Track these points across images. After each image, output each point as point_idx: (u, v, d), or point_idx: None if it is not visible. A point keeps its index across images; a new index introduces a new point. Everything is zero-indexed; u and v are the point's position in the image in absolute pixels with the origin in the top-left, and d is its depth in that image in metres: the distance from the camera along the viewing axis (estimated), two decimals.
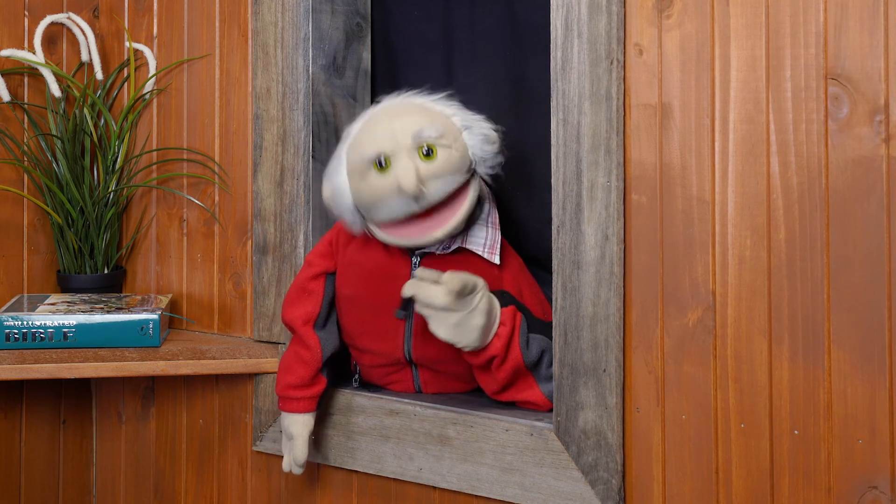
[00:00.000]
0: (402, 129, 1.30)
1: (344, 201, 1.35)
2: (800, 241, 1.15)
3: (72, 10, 1.79)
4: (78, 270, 1.74)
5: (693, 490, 1.22)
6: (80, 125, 1.73)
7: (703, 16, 1.21)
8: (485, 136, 1.34)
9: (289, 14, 1.57)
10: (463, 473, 1.38)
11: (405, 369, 1.45)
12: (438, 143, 1.29)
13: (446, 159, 1.30)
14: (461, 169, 1.31)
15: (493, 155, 1.35)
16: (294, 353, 1.44)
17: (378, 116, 1.34)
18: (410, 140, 1.29)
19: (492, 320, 1.29)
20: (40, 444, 1.76)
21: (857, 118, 1.12)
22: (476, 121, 1.35)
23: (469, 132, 1.33)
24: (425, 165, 1.28)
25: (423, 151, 1.29)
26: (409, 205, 1.29)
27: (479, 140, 1.34)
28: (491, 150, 1.34)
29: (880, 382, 1.11)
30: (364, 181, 1.31)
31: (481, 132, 1.34)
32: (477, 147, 1.33)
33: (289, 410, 1.44)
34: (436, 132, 1.30)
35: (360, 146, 1.32)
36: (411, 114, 1.32)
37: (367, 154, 1.30)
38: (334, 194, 1.36)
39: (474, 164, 1.34)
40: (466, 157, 1.32)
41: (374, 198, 1.30)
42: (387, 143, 1.29)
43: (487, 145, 1.34)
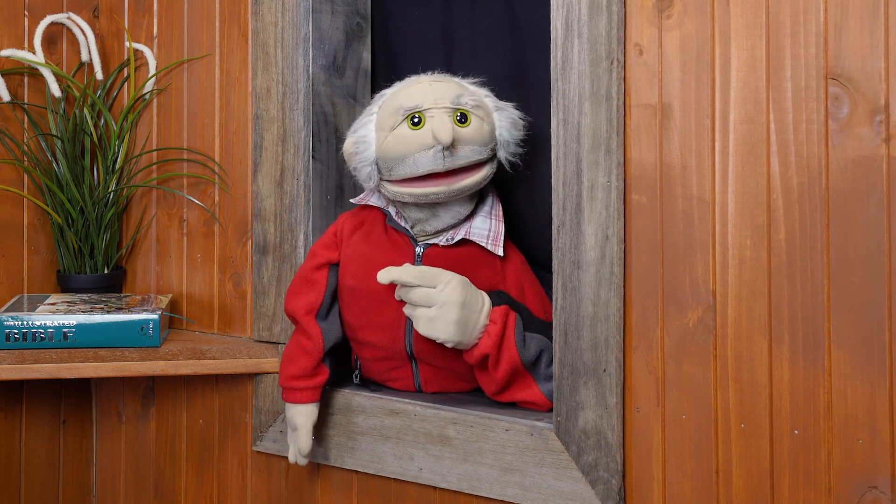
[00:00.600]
0: (442, 90, 1.36)
1: (366, 153, 1.38)
2: (800, 241, 1.15)
3: (72, 10, 1.79)
4: (78, 270, 1.74)
5: (693, 490, 1.22)
6: (80, 125, 1.73)
7: (704, 16, 1.21)
8: (513, 121, 1.40)
9: (289, 14, 1.57)
10: (463, 473, 1.38)
11: (406, 365, 1.45)
12: (473, 112, 1.35)
13: (478, 128, 1.35)
14: (488, 143, 1.37)
15: (517, 140, 1.41)
16: (296, 343, 1.45)
17: (418, 79, 1.40)
18: (449, 102, 1.34)
19: (471, 316, 1.30)
20: (40, 444, 1.76)
21: (857, 118, 1.12)
22: (507, 105, 1.41)
23: (500, 113, 1.40)
24: (458, 129, 1.33)
25: (458, 117, 1.34)
26: (436, 160, 1.32)
27: (508, 123, 1.40)
28: (517, 134, 1.41)
29: (880, 382, 1.11)
30: (393, 134, 1.34)
31: (510, 116, 1.40)
32: (505, 129, 1.39)
33: (292, 401, 1.44)
34: (473, 101, 1.36)
35: (397, 99, 1.37)
36: (451, 81, 1.39)
37: (405, 105, 1.34)
38: (357, 144, 1.39)
39: (498, 146, 1.39)
40: (494, 135, 1.38)
41: (402, 151, 1.33)
42: (426, 99, 1.34)
43: (515, 130, 1.40)
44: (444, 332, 1.29)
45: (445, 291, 1.29)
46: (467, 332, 1.30)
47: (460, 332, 1.29)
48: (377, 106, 1.40)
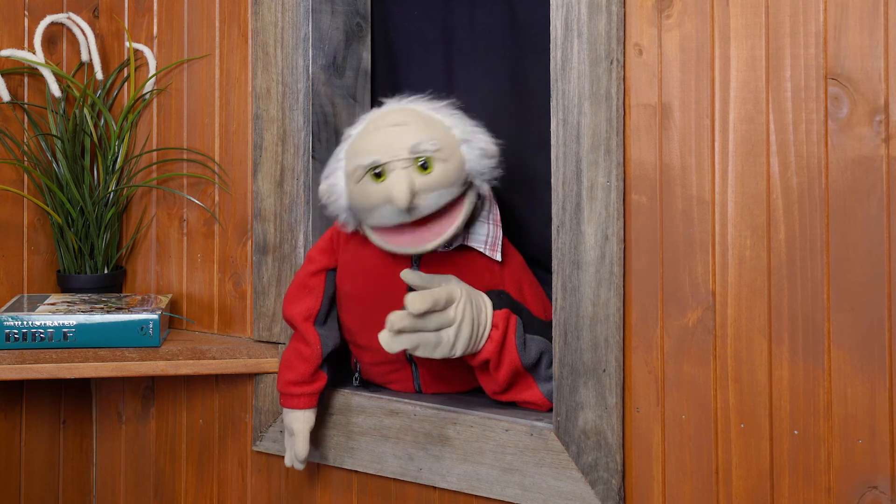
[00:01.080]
0: (400, 140, 1.29)
1: (339, 201, 1.36)
2: (800, 241, 1.15)
3: (72, 10, 1.79)
4: (78, 270, 1.74)
5: (693, 490, 1.22)
6: (80, 125, 1.73)
7: (703, 16, 1.21)
8: (483, 151, 1.33)
9: (289, 14, 1.57)
10: (463, 473, 1.38)
11: (405, 368, 1.45)
12: (435, 157, 1.29)
13: (442, 173, 1.29)
14: (456, 182, 1.31)
15: (491, 169, 1.34)
16: (294, 349, 1.45)
17: (377, 123, 1.33)
18: (407, 152, 1.28)
19: (480, 328, 1.30)
20: (40, 444, 1.76)
21: (857, 118, 1.12)
22: (475, 134, 1.34)
23: (468, 146, 1.32)
24: (420, 178, 1.28)
25: (420, 164, 1.28)
26: (401, 216, 1.29)
27: (477, 154, 1.32)
28: (488, 164, 1.33)
29: (880, 382, 1.11)
30: (358, 186, 1.31)
31: (479, 146, 1.33)
32: (475, 161, 1.32)
33: (290, 407, 1.44)
34: (433, 146, 1.29)
35: (357, 152, 1.32)
36: (409, 124, 1.31)
37: (363, 161, 1.29)
38: (330, 193, 1.36)
39: (471, 178, 1.33)
40: (463, 170, 1.31)
41: (367, 204, 1.30)
42: (383, 154, 1.29)
43: (485, 159, 1.33)
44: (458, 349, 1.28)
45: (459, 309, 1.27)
46: (477, 342, 1.30)
47: (473, 345, 1.29)
48: (343, 151, 1.36)
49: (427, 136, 1.29)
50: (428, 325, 1.26)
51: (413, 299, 1.24)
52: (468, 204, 1.33)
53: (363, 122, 1.36)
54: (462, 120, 1.35)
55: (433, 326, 1.27)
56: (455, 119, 1.34)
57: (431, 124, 1.32)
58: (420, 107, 1.35)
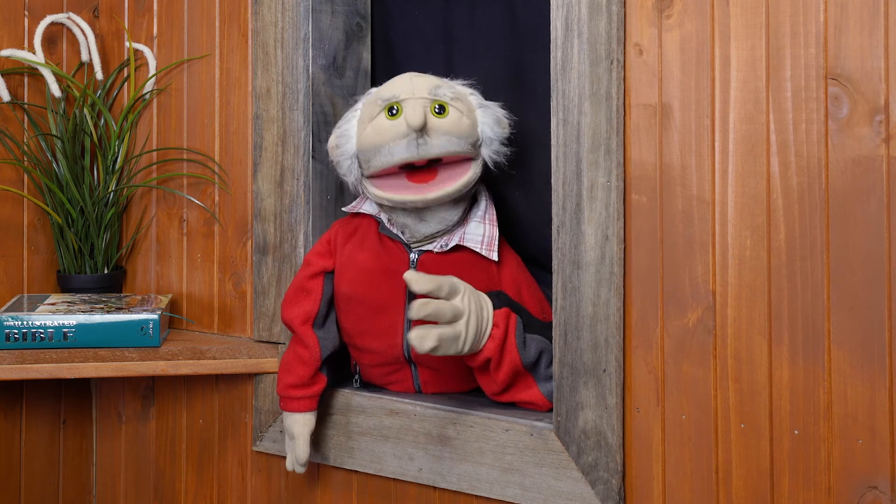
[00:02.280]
0: (421, 82, 1.36)
1: (346, 146, 1.39)
2: (800, 241, 1.15)
3: (72, 10, 1.79)
4: (78, 270, 1.74)
5: (693, 490, 1.22)
6: (80, 125, 1.73)
7: (703, 16, 1.21)
8: (497, 118, 1.39)
9: (289, 14, 1.57)
10: (463, 473, 1.38)
11: (405, 368, 1.45)
12: (452, 104, 1.35)
13: (456, 120, 1.34)
14: (468, 137, 1.35)
15: (501, 138, 1.39)
16: (293, 352, 1.45)
17: (401, 75, 1.40)
18: (426, 92, 1.34)
19: (482, 323, 1.29)
20: (40, 444, 1.76)
21: (857, 118, 1.12)
22: (492, 104, 1.40)
23: (483, 111, 1.38)
24: (434, 119, 1.33)
25: (436, 108, 1.33)
26: (410, 148, 1.32)
27: (492, 119, 1.38)
28: (500, 132, 1.39)
29: (880, 382, 1.11)
30: (372, 124, 1.35)
31: (495, 114, 1.39)
32: (488, 126, 1.38)
33: (290, 410, 1.44)
34: (452, 93, 1.36)
35: (378, 93, 1.38)
36: (433, 77, 1.39)
37: (382, 95, 1.35)
38: (339, 137, 1.40)
39: (481, 142, 1.38)
40: (475, 130, 1.37)
41: (378, 140, 1.33)
42: (404, 90, 1.35)
43: (498, 127, 1.38)
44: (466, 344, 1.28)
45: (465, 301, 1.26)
46: (479, 340, 1.30)
47: (475, 340, 1.29)
48: (362, 102, 1.41)
49: (447, 85, 1.38)
50: (445, 315, 1.23)
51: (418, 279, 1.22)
52: (474, 168, 1.37)
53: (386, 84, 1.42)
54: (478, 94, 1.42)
55: (450, 316, 1.24)
56: (473, 90, 1.41)
57: (452, 84, 1.39)
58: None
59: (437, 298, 1.24)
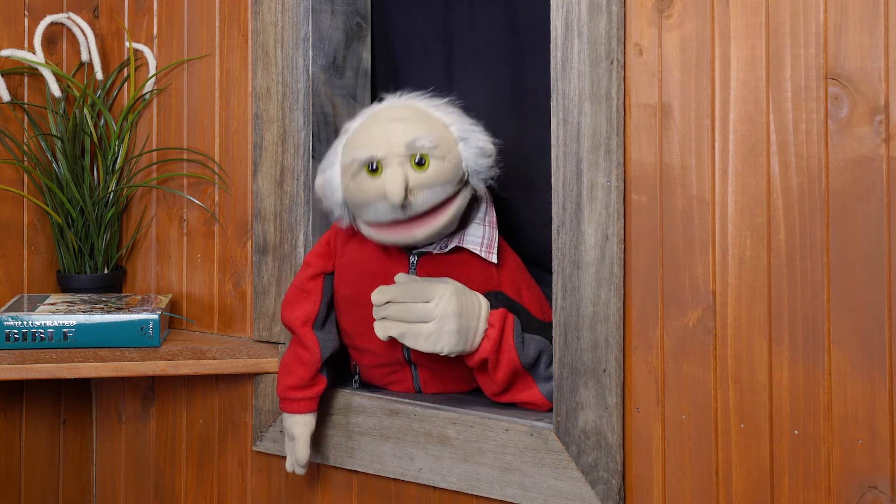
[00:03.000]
0: (397, 135, 1.29)
1: (334, 196, 1.36)
2: (800, 241, 1.15)
3: (72, 10, 1.79)
4: (78, 270, 1.74)
5: (693, 490, 1.22)
6: (80, 125, 1.73)
7: (703, 16, 1.21)
8: (480, 150, 1.33)
9: (289, 14, 1.57)
10: (463, 473, 1.38)
11: (404, 369, 1.45)
12: (432, 154, 1.29)
13: (438, 170, 1.29)
14: (452, 180, 1.31)
15: (488, 168, 1.34)
16: (293, 353, 1.44)
17: (376, 117, 1.34)
18: (404, 148, 1.28)
19: (470, 323, 1.29)
20: (40, 444, 1.76)
21: (857, 118, 1.12)
22: (474, 132, 1.34)
23: (465, 144, 1.33)
24: (416, 175, 1.28)
25: (416, 160, 1.28)
26: (395, 212, 1.29)
27: (475, 153, 1.33)
28: (485, 163, 1.34)
29: (880, 382, 1.11)
30: (354, 181, 1.31)
31: (477, 145, 1.33)
32: (471, 160, 1.33)
33: (290, 411, 1.44)
34: (430, 143, 1.29)
35: (354, 147, 1.32)
36: (408, 120, 1.31)
37: (359, 156, 1.30)
38: (325, 187, 1.37)
39: (467, 176, 1.34)
40: (459, 168, 1.32)
41: (362, 199, 1.31)
42: (380, 148, 1.29)
43: (482, 158, 1.33)
44: (446, 344, 1.28)
45: (441, 305, 1.28)
46: (468, 340, 1.30)
47: (462, 341, 1.29)
48: (341, 146, 1.36)
49: (424, 133, 1.29)
50: (408, 317, 1.29)
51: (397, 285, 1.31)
52: (461, 198, 1.33)
53: (362, 117, 1.37)
54: (461, 118, 1.35)
55: (413, 318, 1.28)
56: (453, 117, 1.35)
57: (429, 121, 1.32)
58: (419, 103, 1.36)
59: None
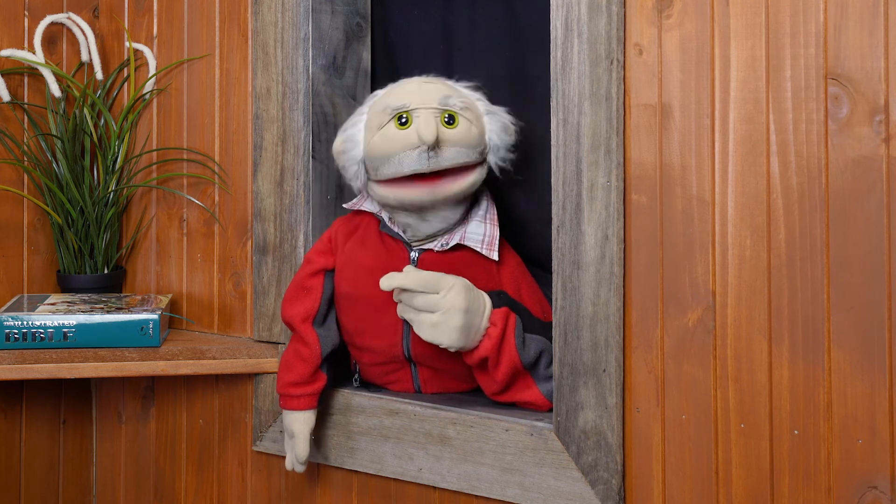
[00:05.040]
0: (431, 91, 1.35)
1: (353, 152, 1.38)
2: (800, 241, 1.15)
3: (72, 10, 1.79)
4: (78, 270, 1.74)
5: (693, 490, 1.22)
6: (80, 125, 1.73)
7: (703, 16, 1.21)
8: (504, 125, 1.39)
9: (289, 14, 1.57)
10: (463, 473, 1.38)
11: (404, 368, 1.45)
12: (461, 114, 1.34)
13: (466, 130, 1.34)
14: (477, 146, 1.36)
15: (508, 145, 1.40)
16: (293, 350, 1.45)
17: (409, 79, 1.40)
18: (437, 102, 1.34)
19: (474, 320, 1.29)
20: (40, 444, 1.76)
21: (857, 118, 1.12)
22: (499, 110, 1.41)
23: (490, 117, 1.39)
24: (445, 130, 1.33)
25: (446, 118, 1.33)
26: (421, 160, 1.31)
27: (499, 127, 1.39)
28: (508, 139, 1.39)
29: (880, 382, 1.11)
30: (381, 132, 1.34)
31: (502, 121, 1.39)
32: (495, 133, 1.38)
33: (289, 408, 1.44)
34: (461, 103, 1.35)
35: (386, 98, 1.37)
36: (441, 83, 1.39)
37: (392, 104, 1.34)
38: (346, 142, 1.39)
39: (488, 150, 1.38)
40: (483, 138, 1.37)
41: (388, 150, 1.33)
42: (414, 99, 1.34)
43: (505, 134, 1.39)
44: (447, 338, 1.28)
45: (449, 297, 1.28)
46: (470, 336, 1.30)
47: (464, 337, 1.29)
48: (368, 106, 1.40)
49: (457, 94, 1.37)
50: (414, 304, 1.29)
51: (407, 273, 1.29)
52: (479, 171, 1.37)
53: (390, 87, 1.41)
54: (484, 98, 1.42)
55: (419, 306, 1.29)
56: (479, 94, 1.41)
57: (459, 90, 1.39)
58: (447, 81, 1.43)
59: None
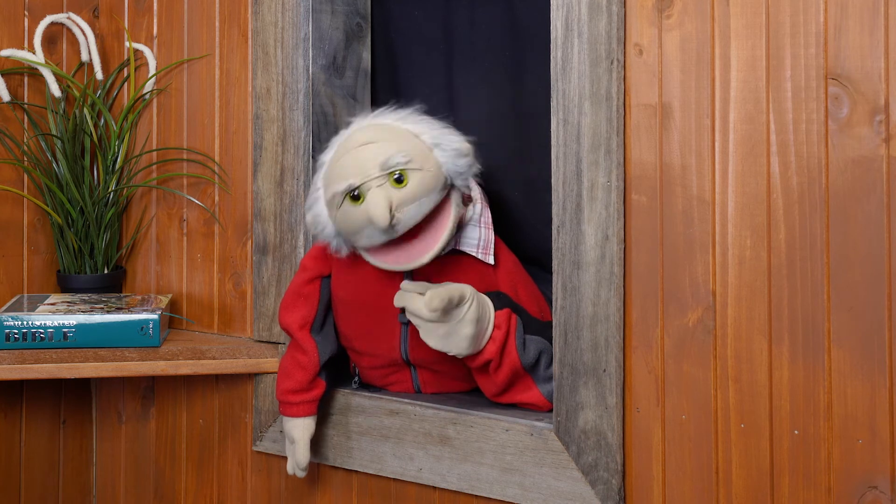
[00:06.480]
0: (369, 159, 1.28)
1: (326, 230, 1.35)
2: (800, 241, 1.15)
3: (72, 10, 1.79)
4: (78, 270, 1.74)
5: (693, 490, 1.22)
6: (80, 125, 1.73)
7: (703, 16, 1.21)
8: (456, 151, 1.32)
9: (289, 14, 1.57)
10: (463, 473, 1.38)
11: (404, 370, 1.45)
12: (408, 168, 1.27)
13: (419, 183, 1.28)
14: (435, 188, 1.29)
15: (468, 167, 1.33)
16: (292, 357, 1.44)
17: (345, 146, 1.32)
18: (378, 170, 1.27)
19: (483, 327, 1.29)
20: (40, 444, 1.76)
21: (857, 118, 1.12)
22: (445, 136, 1.32)
23: (439, 149, 1.31)
24: (397, 192, 1.27)
25: (395, 178, 1.27)
26: (386, 234, 1.28)
27: (452, 155, 1.31)
28: (465, 162, 1.32)
29: (880, 382, 1.11)
30: (340, 212, 1.30)
31: (452, 147, 1.32)
32: (450, 163, 1.31)
33: (289, 415, 1.44)
34: (403, 157, 1.27)
35: (332, 179, 1.31)
36: (377, 141, 1.30)
37: (338, 188, 1.29)
38: (315, 224, 1.36)
39: (450, 180, 1.32)
40: (440, 175, 1.30)
41: (352, 228, 1.30)
42: (356, 176, 1.27)
43: (460, 159, 1.32)
44: (457, 348, 1.28)
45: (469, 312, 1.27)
46: (478, 344, 1.30)
47: (473, 346, 1.29)
48: (319, 180, 1.35)
49: (395, 149, 1.28)
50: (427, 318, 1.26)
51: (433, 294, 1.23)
52: (454, 207, 1.32)
53: (333, 148, 1.35)
54: (430, 124, 1.33)
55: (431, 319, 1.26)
56: (423, 125, 1.33)
57: (399, 136, 1.31)
58: (386, 120, 1.34)
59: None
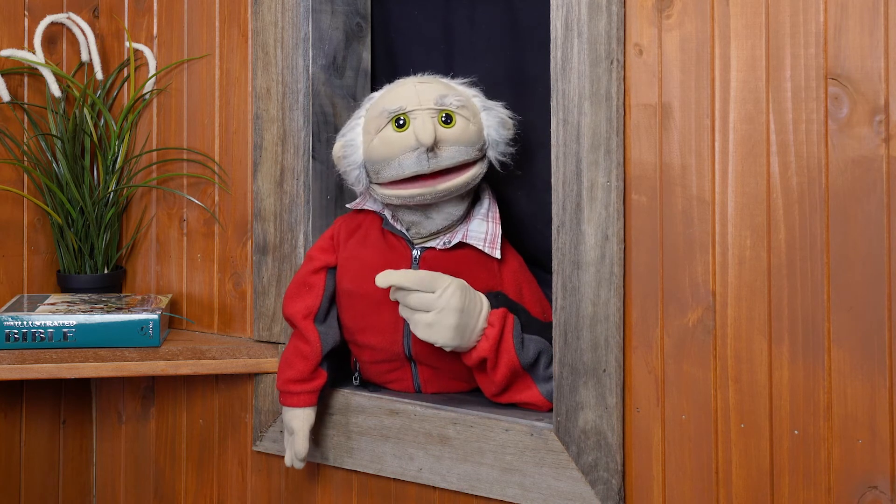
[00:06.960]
0: (426, 91, 1.36)
1: (353, 157, 1.39)
2: (800, 241, 1.15)
3: (72, 10, 1.79)
4: (78, 270, 1.74)
5: (693, 490, 1.22)
6: (80, 125, 1.73)
7: (703, 16, 1.21)
8: (501, 120, 1.40)
9: (289, 14, 1.57)
10: (463, 473, 1.38)
11: (405, 367, 1.45)
12: (458, 113, 1.35)
13: (463, 129, 1.35)
14: (475, 143, 1.36)
15: (507, 140, 1.40)
16: (294, 347, 1.45)
17: (405, 80, 1.40)
18: (433, 103, 1.34)
19: (469, 320, 1.30)
20: (40, 444, 1.76)
21: (857, 118, 1.12)
22: (495, 105, 1.41)
23: (487, 113, 1.39)
24: (443, 130, 1.33)
25: (443, 118, 1.34)
26: (420, 162, 1.32)
27: (496, 122, 1.39)
28: (506, 134, 1.40)
29: (880, 382, 1.11)
30: (379, 136, 1.35)
31: (499, 115, 1.40)
32: (493, 129, 1.39)
33: (289, 405, 1.44)
34: (458, 101, 1.36)
35: (382, 101, 1.37)
36: (437, 82, 1.39)
37: (388, 107, 1.35)
38: (345, 147, 1.40)
39: (487, 146, 1.39)
40: (482, 135, 1.38)
41: (387, 153, 1.34)
42: (410, 101, 1.35)
43: (503, 129, 1.39)
44: (442, 337, 1.29)
45: (444, 297, 1.28)
46: (465, 336, 1.30)
47: (458, 336, 1.29)
48: (364, 109, 1.41)
49: (453, 92, 1.37)
50: (408, 302, 1.30)
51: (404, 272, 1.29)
52: (479, 167, 1.38)
53: (386, 88, 1.41)
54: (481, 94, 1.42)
55: (414, 305, 1.29)
56: (476, 91, 1.42)
57: (455, 88, 1.40)
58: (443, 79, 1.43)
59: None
